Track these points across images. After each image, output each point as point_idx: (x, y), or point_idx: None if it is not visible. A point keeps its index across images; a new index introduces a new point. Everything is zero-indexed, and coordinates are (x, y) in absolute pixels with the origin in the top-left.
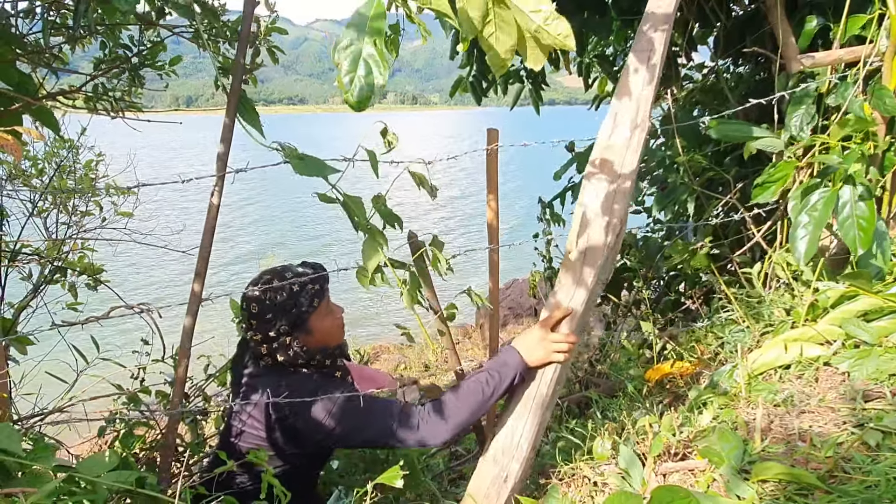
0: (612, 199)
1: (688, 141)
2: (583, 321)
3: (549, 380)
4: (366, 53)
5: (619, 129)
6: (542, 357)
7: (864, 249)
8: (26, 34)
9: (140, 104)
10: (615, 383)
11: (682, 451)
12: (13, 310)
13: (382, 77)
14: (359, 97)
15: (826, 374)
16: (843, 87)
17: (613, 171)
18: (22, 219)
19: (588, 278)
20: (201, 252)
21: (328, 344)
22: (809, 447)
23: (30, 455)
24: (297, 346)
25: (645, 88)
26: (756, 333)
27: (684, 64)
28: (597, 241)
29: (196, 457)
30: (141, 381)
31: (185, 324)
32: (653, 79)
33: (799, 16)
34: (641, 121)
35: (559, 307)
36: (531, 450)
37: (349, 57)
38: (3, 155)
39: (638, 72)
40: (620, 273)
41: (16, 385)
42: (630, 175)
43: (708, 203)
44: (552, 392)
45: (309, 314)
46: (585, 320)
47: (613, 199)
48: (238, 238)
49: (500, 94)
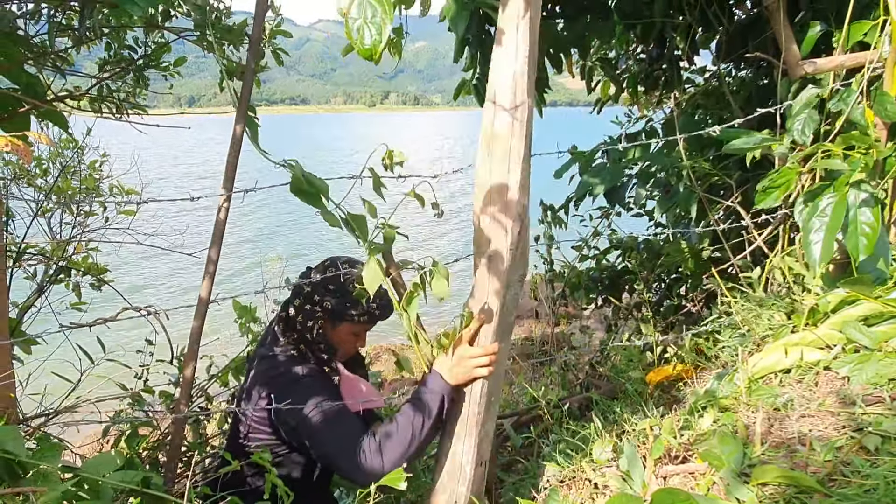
0: (506, 194)
1: (690, 145)
2: (502, 327)
3: (478, 397)
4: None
5: (500, 114)
6: (464, 375)
7: (868, 255)
8: (33, 36)
9: (144, 105)
10: (616, 385)
11: (683, 454)
12: (17, 309)
13: (388, 16)
14: (370, 42)
15: (826, 379)
16: (845, 93)
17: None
18: (27, 219)
19: (496, 283)
20: (208, 261)
21: (336, 349)
22: (809, 451)
23: (36, 455)
24: (318, 328)
25: (517, 61)
26: (756, 337)
27: (686, 68)
28: (498, 245)
29: (199, 457)
30: (145, 381)
31: (193, 327)
32: (527, 49)
33: (801, 21)
34: (521, 100)
35: (477, 316)
36: (475, 468)
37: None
38: (11, 157)
39: (506, 43)
40: (621, 276)
41: (22, 385)
42: (523, 163)
43: (710, 207)
44: (485, 408)
45: (350, 318)
46: (506, 325)
47: (507, 194)
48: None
49: None
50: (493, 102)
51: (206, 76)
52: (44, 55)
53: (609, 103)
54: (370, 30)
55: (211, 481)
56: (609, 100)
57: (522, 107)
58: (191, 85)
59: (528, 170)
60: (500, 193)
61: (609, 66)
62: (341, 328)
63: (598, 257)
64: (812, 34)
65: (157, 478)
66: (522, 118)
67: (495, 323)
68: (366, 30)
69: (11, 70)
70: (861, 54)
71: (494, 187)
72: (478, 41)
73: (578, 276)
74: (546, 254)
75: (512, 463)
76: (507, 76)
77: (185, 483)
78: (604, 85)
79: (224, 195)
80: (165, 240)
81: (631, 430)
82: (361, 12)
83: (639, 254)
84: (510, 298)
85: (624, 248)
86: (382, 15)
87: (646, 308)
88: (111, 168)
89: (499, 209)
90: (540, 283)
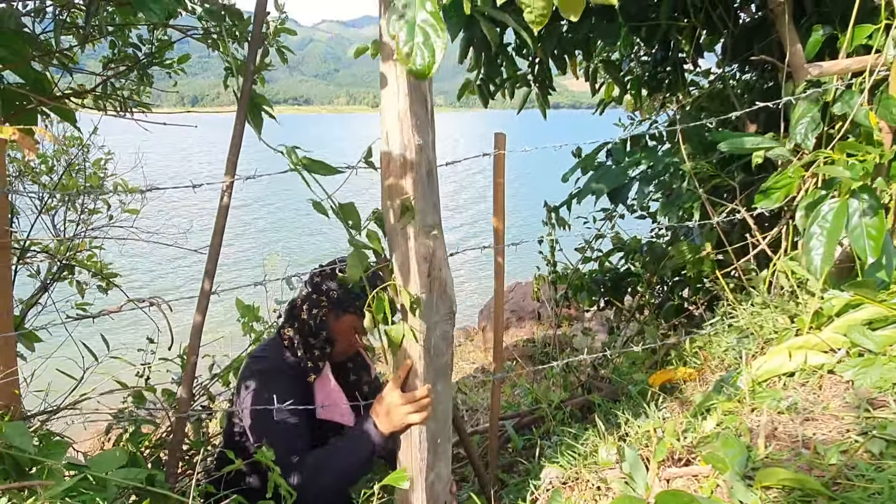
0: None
1: (693, 147)
2: (435, 368)
3: (418, 442)
4: (420, 20)
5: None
6: (396, 424)
7: (875, 258)
8: (39, 34)
9: (148, 104)
10: (618, 387)
11: (686, 457)
12: (21, 307)
13: (441, 40)
14: (422, 64)
15: (830, 382)
16: (849, 96)
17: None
18: (31, 216)
19: (417, 325)
20: (211, 251)
21: (334, 344)
22: (813, 454)
23: (42, 451)
24: (321, 316)
25: (399, 100)
26: (760, 340)
27: (691, 70)
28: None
29: (201, 455)
30: (146, 379)
31: (195, 320)
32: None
33: (806, 24)
34: (407, 138)
35: (404, 361)
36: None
37: (405, 27)
38: (17, 154)
39: (388, 84)
40: (624, 278)
41: (26, 381)
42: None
43: (713, 209)
44: (431, 453)
45: (353, 310)
46: (439, 366)
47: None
48: (243, 239)
49: (506, 98)
50: (387, 144)
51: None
52: (49, 53)
53: (612, 105)
54: (423, 52)
55: (214, 480)
56: (612, 101)
57: (410, 145)
58: (194, 84)
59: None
60: (403, 238)
61: (613, 68)
62: (344, 319)
63: (600, 259)
64: (817, 37)
65: (160, 475)
66: (413, 157)
67: (423, 366)
68: (418, 52)
69: (19, 67)
70: (866, 58)
71: (399, 232)
72: (482, 42)
73: (581, 278)
74: (549, 255)
75: (513, 464)
76: (393, 117)
77: (186, 482)
78: (608, 87)
79: (227, 181)
80: (167, 236)
81: (634, 432)
82: (412, 36)
83: (642, 256)
84: (438, 338)
85: (627, 251)
86: (435, 38)
87: (648, 310)
88: (115, 167)
89: (403, 255)
90: (542, 285)
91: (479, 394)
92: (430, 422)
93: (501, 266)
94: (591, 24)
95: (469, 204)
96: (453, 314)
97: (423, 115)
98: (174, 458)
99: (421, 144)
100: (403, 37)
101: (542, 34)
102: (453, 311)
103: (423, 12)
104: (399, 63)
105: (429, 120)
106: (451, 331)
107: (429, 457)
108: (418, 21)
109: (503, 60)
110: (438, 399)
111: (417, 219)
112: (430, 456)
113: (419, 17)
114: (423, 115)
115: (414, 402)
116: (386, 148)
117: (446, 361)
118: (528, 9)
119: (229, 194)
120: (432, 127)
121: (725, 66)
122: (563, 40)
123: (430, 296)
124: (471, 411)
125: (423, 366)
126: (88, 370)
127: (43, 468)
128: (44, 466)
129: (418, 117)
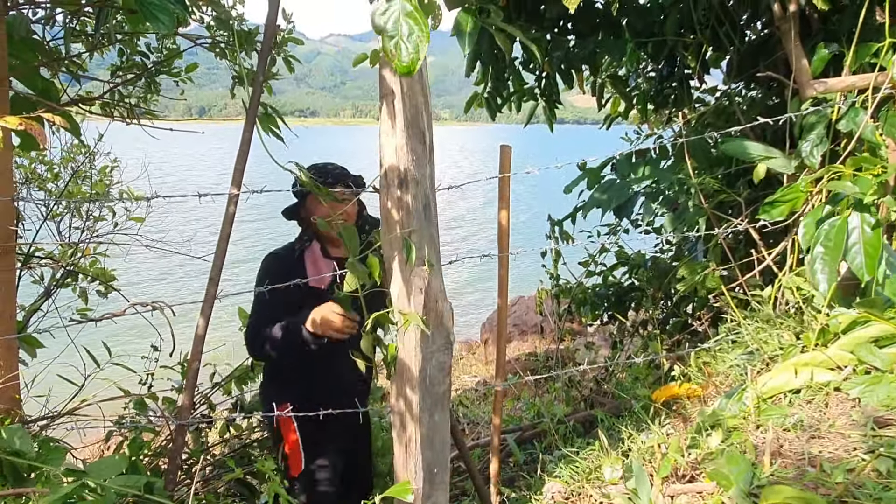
0: (401, 272)
1: (699, 163)
2: (432, 398)
3: (413, 473)
4: (405, 12)
5: (391, 189)
6: (318, 330)
7: (871, 276)
8: (48, 41)
9: (156, 112)
10: (621, 403)
11: (691, 473)
12: (24, 313)
13: (424, 34)
14: (407, 59)
15: (837, 400)
16: (854, 113)
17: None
18: (37, 222)
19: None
20: (216, 258)
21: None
22: (819, 472)
23: (40, 457)
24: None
25: (396, 135)
26: (765, 357)
27: (697, 86)
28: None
29: (200, 464)
30: (149, 387)
31: (199, 325)
32: (404, 122)
33: (813, 42)
34: (403, 169)
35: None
36: None
37: (391, 18)
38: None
39: (385, 118)
40: (628, 293)
41: (27, 387)
42: (417, 241)
43: (719, 225)
44: (427, 484)
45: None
46: (435, 396)
47: (402, 273)
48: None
49: (512, 112)
50: (385, 178)
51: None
52: (58, 60)
53: (618, 120)
54: (407, 47)
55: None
56: (618, 116)
57: (407, 180)
58: (201, 95)
59: (432, 243)
60: (399, 269)
61: (619, 84)
62: (309, 200)
63: (604, 273)
64: (823, 54)
65: (159, 482)
66: (409, 192)
67: (418, 396)
68: (403, 46)
69: (27, 75)
70: (870, 75)
71: (396, 263)
72: (489, 56)
73: (584, 292)
74: (552, 269)
75: (515, 478)
76: (391, 152)
77: (185, 490)
78: (614, 102)
79: (233, 193)
80: (171, 245)
81: (637, 448)
82: (398, 29)
83: (646, 271)
84: (434, 368)
85: (631, 265)
86: (419, 33)
87: (652, 325)
88: (121, 174)
89: (399, 286)
90: (545, 299)
91: (481, 407)
92: (426, 450)
93: (505, 279)
94: (597, 40)
95: (473, 212)
96: (450, 344)
97: (421, 151)
98: (173, 465)
99: (418, 179)
100: (390, 29)
101: (549, 49)
102: (450, 342)
103: (407, 4)
104: (397, 98)
105: (427, 154)
106: (448, 361)
107: (425, 486)
108: (404, 13)
109: (510, 74)
110: (435, 429)
111: (413, 251)
112: (427, 486)
113: (405, 9)
114: (421, 151)
115: (338, 325)
116: (384, 182)
117: (443, 391)
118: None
119: (235, 203)
120: (431, 161)
121: (731, 83)
122: (570, 55)
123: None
124: (472, 424)
125: (418, 396)
126: (90, 377)
127: (41, 474)
128: (42, 472)
129: (415, 153)
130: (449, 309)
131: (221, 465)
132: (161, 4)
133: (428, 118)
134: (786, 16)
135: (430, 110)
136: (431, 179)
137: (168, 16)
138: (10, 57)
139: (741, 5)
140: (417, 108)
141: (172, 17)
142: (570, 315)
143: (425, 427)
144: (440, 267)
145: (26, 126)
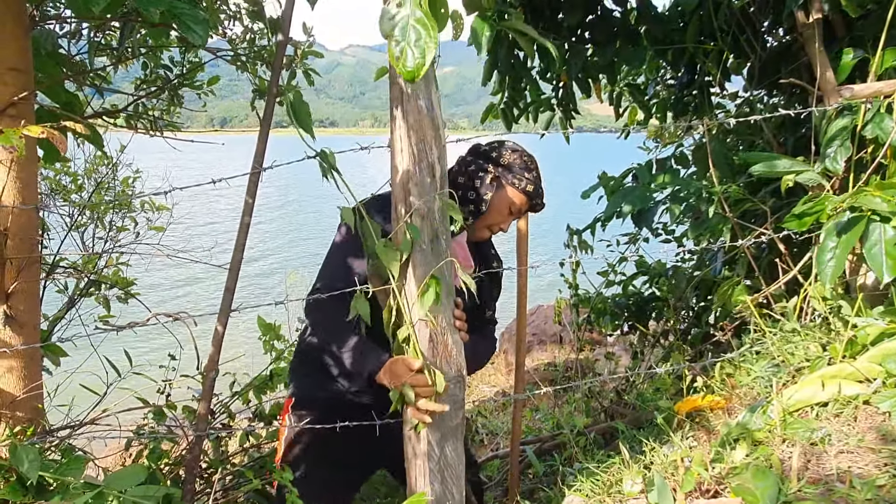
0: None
1: (721, 171)
2: (441, 431)
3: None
4: (414, 18)
5: (400, 212)
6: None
7: (892, 276)
8: (74, 55)
9: (178, 123)
10: (642, 414)
11: (715, 488)
12: (48, 322)
13: (433, 41)
14: (412, 65)
15: (865, 414)
16: (880, 119)
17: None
18: (61, 233)
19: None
20: (232, 267)
21: (484, 212)
22: (848, 488)
23: (62, 467)
24: (479, 182)
25: (404, 160)
26: (791, 369)
27: (717, 94)
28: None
29: (219, 473)
30: (167, 396)
31: (216, 332)
32: (411, 145)
33: (837, 48)
34: (411, 198)
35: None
36: None
37: (399, 24)
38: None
39: (394, 140)
40: (648, 302)
41: (50, 396)
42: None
43: (742, 234)
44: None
45: (517, 187)
46: (447, 428)
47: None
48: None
49: (530, 122)
50: (394, 210)
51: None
52: (83, 73)
53: (636, 128)
54: (413, 52)
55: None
56: (636, 125)
57: (414, 212)
58: (223, 107)
59: (443, 272)
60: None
61: (638, 92)
62: (502, 193)
63: (624, 283)
64: (848, 60)
65: (176, 493)
66: (415, 224)
67: (430, 429)
68: (409, 52)
69: (52, 88)
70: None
71: (407, 288)
72: (506, 65)
73: (604, 302)
74: (571, 278)
75: (534, 490)
76: (399, 183)
77: (204, 500)
78: (632, 111)
79: (252, 172)
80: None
81: (659, 461)
82: (405, 35)
83: (667, 280)
84: (445, 401)
85: (651, 275)
86: (427, 39)
87: (673, 336)
88: (143, 185)
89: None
90: (564, 308)
91: (500, 417)
92: (434, 483)
93: (524, 289)
94: (615, 49)
95: None
96: (463, 378)
97: (429, 183)
98: (190, 475)
99: (424, 213)
100: (397, 34)
101: (566, 57)
102: (462, 375)
103: (417, 10)
104: (407, 131)
105: (437, 187)
106: (461, 395)
107: None
108: (413, 20)
109: (527, 84)
110: (447, 462)
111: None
112: None
113: (414, 15)
114: (429, 183)
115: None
116: (393, 214)
117: (456, 425)
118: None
119: (250, 214)
120: (443, 193)
121: (753, 90)
122: (588, 64)
123: (433, 360)
124: (490, 435)
125: (429, 429)
126: (112, 386)
127: (62, 484)
128: (61, 483)
129: (423, 186)
130: (457, 342)
131: (241, 475)
132: (195, 16)
133: (440, 151)
134: (809, 22)
135: (441, 142)
136: (442, 212)
137: (203, 27)
138: (35, 71)
139: (763, 12)
140: (427, 142)
141: (207, 29)
142: (589, 325)
143: (434, 462)
144: (449, 300)
145: (47, 134)
